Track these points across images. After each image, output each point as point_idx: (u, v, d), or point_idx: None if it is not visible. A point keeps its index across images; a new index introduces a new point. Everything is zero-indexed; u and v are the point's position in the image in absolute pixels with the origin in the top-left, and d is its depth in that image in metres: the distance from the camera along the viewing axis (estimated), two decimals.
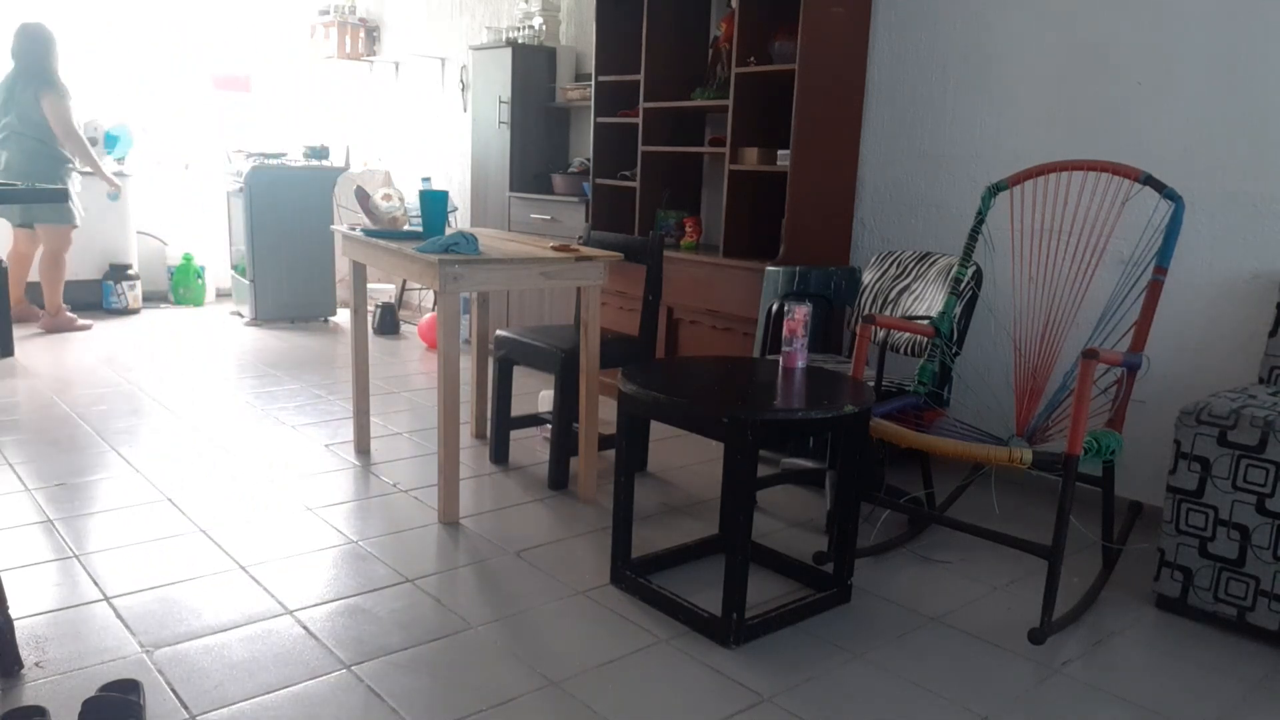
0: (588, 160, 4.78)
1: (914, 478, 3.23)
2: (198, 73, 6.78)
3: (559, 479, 3.19)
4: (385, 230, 3.22)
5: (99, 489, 3.01)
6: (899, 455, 3.10)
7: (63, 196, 2.55)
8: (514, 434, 3.65)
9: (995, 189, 2.80)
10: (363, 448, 3.53)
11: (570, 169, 5.14)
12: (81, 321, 5.59)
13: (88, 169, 5.50)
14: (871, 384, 2.81)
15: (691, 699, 1.96)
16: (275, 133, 7.00)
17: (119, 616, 2.20)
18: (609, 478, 2.76)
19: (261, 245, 5.86)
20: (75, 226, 5.44)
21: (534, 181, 5.24)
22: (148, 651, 2.05)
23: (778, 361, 2.57)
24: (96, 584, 2.36)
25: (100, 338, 5.36)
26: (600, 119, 4.58)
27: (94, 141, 6.07)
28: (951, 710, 1.96)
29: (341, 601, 2.33)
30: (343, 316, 6.19)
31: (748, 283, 3.70)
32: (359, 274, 3.51)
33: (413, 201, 4.28)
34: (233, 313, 6.31)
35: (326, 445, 3.57)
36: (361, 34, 6.79)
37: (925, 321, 2.91)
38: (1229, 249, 2.87)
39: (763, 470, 3.23)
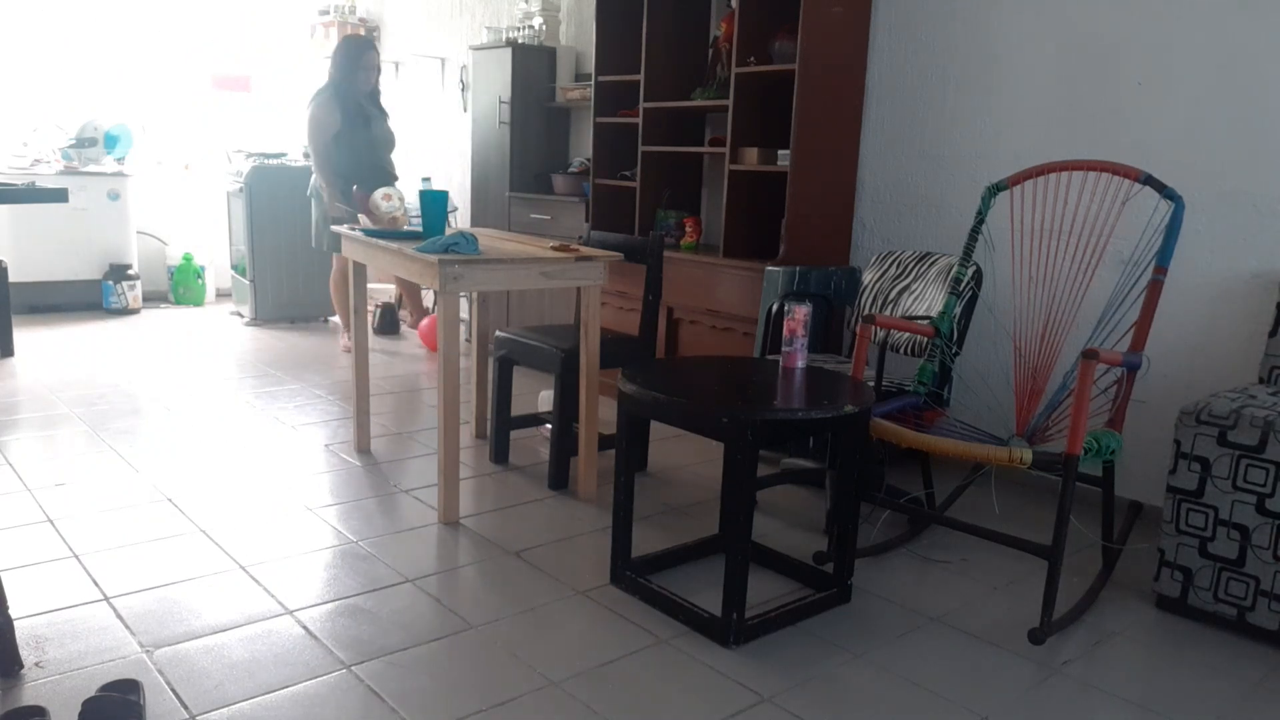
0: (588, 160, 4.78)
1: (914, 478, 3.23)
2: (198, 73, 6.78)
3: (559, 479, 3.19)
4: (385, 230, 3.22)
5: (99, 489, 3.01)
6: (899, 455, 3.10)
7: (62, 196, 2.53)
8: (514, 434, 3.65)
9: (995, 189, 2.80)
10: (363, 448, 3.52)
11: (570, 169, 5.14)
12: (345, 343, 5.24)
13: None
14: (871, 384, 2.81)
15: (691, 699, 1.96)
16: (275, 133, 7.00)
17: (119, 616, 2.20)
18: (609, 478, 2.76)
19: (261, 245, 5.86)
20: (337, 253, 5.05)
21: (534, 181, 5.24)
22: (148, 651, 2.06)
23: (778, 361, 2.57)
24: (96, 584, 2.36)
25: (100, 338, 5.36)
26: (600, 119, 4.58)
27: (93, 142, 6.08)
28: (951, 710, 1.96)
29: (341, 601, 2.33)
30: None
31: (748, 283, 3.70)
32: (359, 274, 3.51)
33: (412, 201, 4.28)
34: (233, 313, 6.31)
35: (326, 445, 3.57)
36: (361, 34, 6.78)
37: (925, 321, 2.91)
38: (1229, 249, 2.87)
39: (763, 470, 3.23)
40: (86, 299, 6.06)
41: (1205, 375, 2.93)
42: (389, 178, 5.02)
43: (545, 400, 3.83)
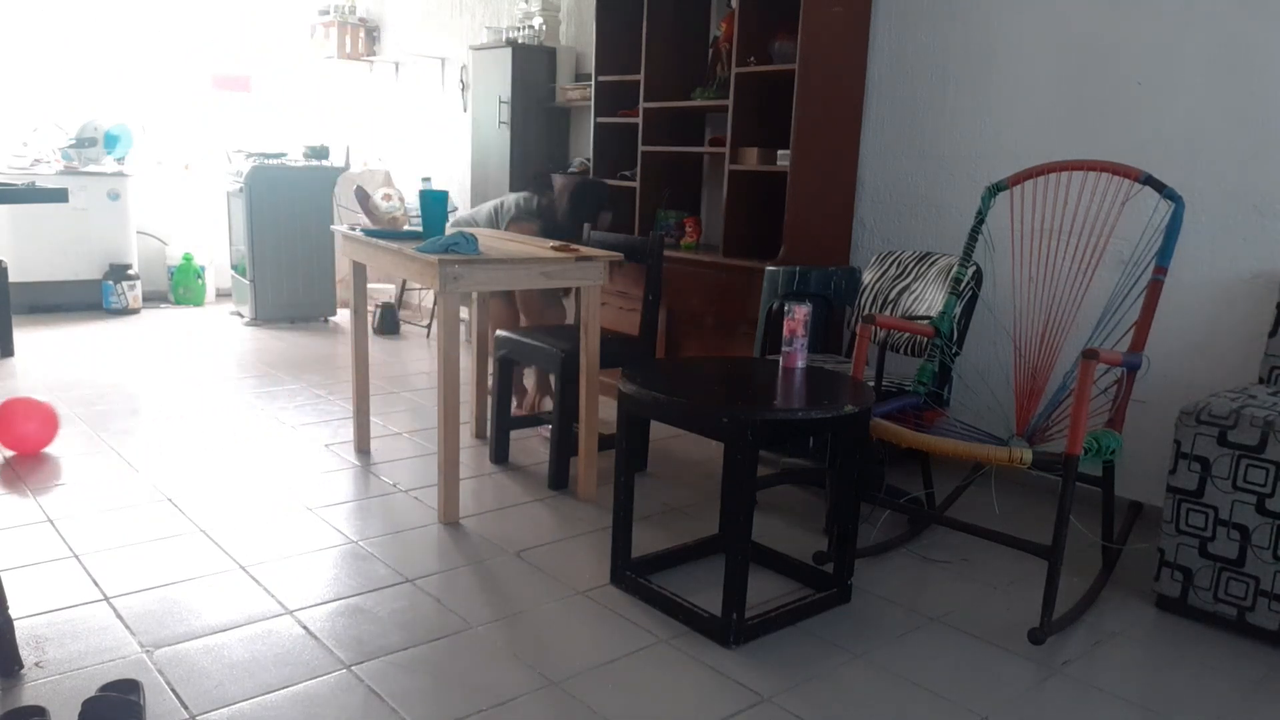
0: (588, 160, 4.78)
1: (914, 478, 3.23)
2: (198, 73, 6.78)
3: (559, 479, 3.19)
4: (385, 230, 3.22)
5: (99, 489, 3.01)
6: (899, 455, 3.10)
7: (62, 196, 2.52)
8: (514, 434, 3.65)
9: (995, 189, 2.80)
10: (363, 448, 3.52)
11: (570, 169, 5.14)
12: None
13: None
14: (871, 384, 2.81)
15: (691, 699, 1.96)
16: (275, 133, 7.00)
17: (119, 616, 2.20)
18: (609, 478, 2.76)
19: (261, 245, 5.86)
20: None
21: (534, 181, 5.23)
22: (148, 651, 2.06)
23: (778, 361, 2.57)
24: (96, 584, 2.36)
25: (100, 338, 5.36)
26: (600, 119, 4.58)
27: (93, 142, 6.08)
28: (951, 710, 1.96)
29: (341, 601, 2.33)
30: (343, 316, 6.19)
31: (748, 283, 3.70)
32: (359, 274, 3.51)
33: (412, 201, 4.27)
34: (233, 313, 6.31)
35: (326, 445, 3.57)
36: (361, 34, 6.78)
37: (925, 321, 2.91)
38: (1229, 249, 2.87)
39: (763, 470, 3.22)
40: (86, 299, 6.06)
41: (1205, 375, 2.93)
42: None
43: (545, 400, 3.83)
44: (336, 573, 2.49)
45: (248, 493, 3.04)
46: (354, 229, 3.34)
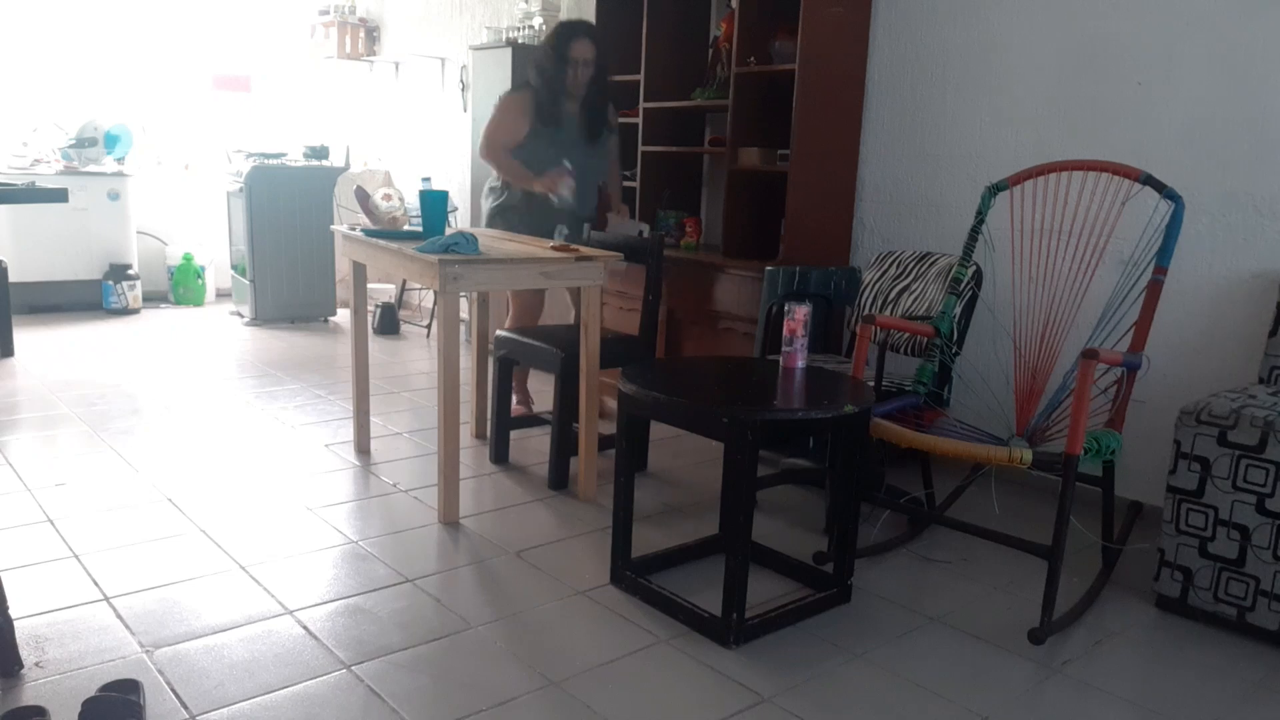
0: None
1: (914, 478, 3.23)
2: (198, 73, 6.78)
3: (559, 479, 3.19)
4: (385, 230, 3.22)
5: (99, 489, 3.01)
6: (899, 455, 3.10)
7: (62, 196, 2.52)
8: (514, 434, 3.65)
9: (995, 189, 2.80)
10: (363, 448, 3.52)
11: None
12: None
13: None
14: (871, 384, 2.81)
15: (691, 699, 1.96)
16: (275, 133, 7.00)
17: (119, 616, 2.20)
18: (609, 478, 2.76)
19: (261, 245, 5.86)
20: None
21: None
22: (148, 651, 2.06)
23: (778, 361, 2.57)
24: (96, 584, 2.36)
25: (100, 338, 5.36)
26: None
27: (93, 142, 6.08)
28: (951, 710, 1.96)
29: (341, 601, 2.32)
30: (343, 316, 6.19)
31: (748, 283, 3.70)
32: (359, 274, 3.51)
33: (413, 201, 4.27)
34: (233, 313, 6.31)
35: (326, 445, 3.57)
36: (361, 34, 6.78)
37: (925, 321, 2.91)
38: (1229, 249, 2.87)
39: (763, 470, 3.22)
40: (86, 299, 6.06)
41: (1205, 375, 2.93)
42: (570, 218, 3.69)
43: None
44: (336, 573, 2.49)
45: (247, 492, 3.04)
46: (354, 229, 3.34)
